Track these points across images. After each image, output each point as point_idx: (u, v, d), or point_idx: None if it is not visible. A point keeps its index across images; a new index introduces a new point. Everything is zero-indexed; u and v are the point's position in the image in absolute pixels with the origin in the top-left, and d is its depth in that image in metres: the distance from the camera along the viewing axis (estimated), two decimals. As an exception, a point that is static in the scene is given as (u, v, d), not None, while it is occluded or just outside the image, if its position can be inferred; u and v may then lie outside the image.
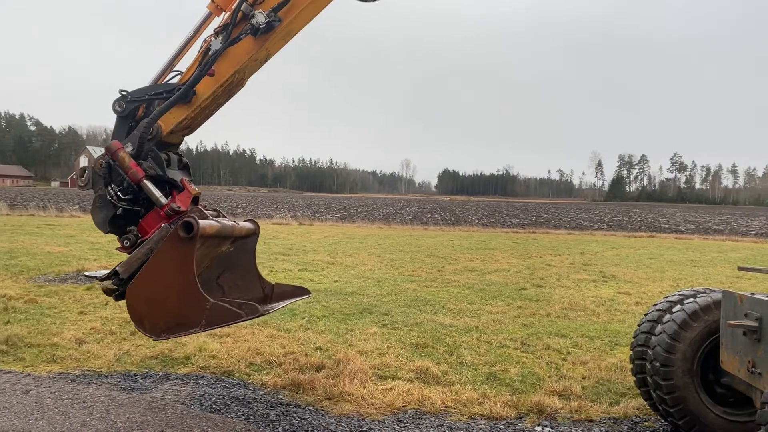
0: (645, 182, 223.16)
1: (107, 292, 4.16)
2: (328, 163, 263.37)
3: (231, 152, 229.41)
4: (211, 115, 4.46)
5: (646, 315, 4.79)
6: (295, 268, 12.63)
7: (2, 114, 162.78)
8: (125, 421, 4.47)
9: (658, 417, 4.74)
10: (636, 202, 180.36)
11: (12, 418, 4.44)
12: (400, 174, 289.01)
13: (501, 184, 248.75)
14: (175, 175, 4.30)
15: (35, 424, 4.36)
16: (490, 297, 10.01)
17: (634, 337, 4.77)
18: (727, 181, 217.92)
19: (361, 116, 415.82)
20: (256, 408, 4.83)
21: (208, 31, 4.31)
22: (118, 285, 4.05)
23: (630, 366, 4.85)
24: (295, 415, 4.70)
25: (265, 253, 15.20)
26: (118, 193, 4.07)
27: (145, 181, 4.03)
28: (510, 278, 12.27)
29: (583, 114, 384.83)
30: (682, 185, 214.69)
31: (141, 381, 5.39)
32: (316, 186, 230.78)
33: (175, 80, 4.33)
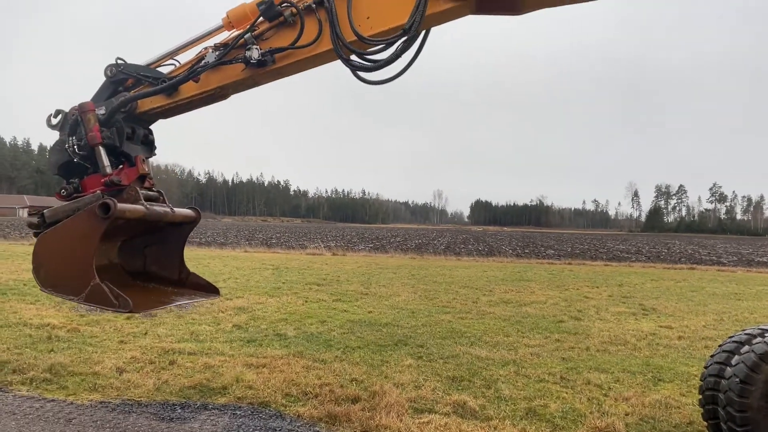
0: (683, 213, 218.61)
1: (29, 225, 4.34)
2: (361, 194, 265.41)
3: (266, 183, 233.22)
4: (185, 112, 4.64)
5: (712, 356, 4.62)
6: (330, 299, 12.65)
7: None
8: (164, 451, 4.49)
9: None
10: (675, 233, 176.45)
11: (55, 445, 4.51)
12: (432, 204, 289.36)
13: (534, 215, 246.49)
14: (134, 149, 4.48)
15: (78, 452, 4.42)
16: (526, 329, 9.85)
17: (702, 380, 4.62)
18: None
19: (392, 147, 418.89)
20: (293, 440, 4.81)
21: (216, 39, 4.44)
22: (40, 225, 4.25)
23: (688, 403, 4.69)
24: (332, 448, 4.66)
25: (299, 283, 15.30)
26: (75, 147, 4.31)
27: (99, 147, 4.24)
28: (547, 310, 12.06)
29: (618, 143, 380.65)
30: (723, 216, 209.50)
31: (180, 411, 5.44)
32: (349, 216, 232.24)
33: (169, 68, 4.52)
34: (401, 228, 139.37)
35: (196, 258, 22.26)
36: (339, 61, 4.07)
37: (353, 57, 4.00)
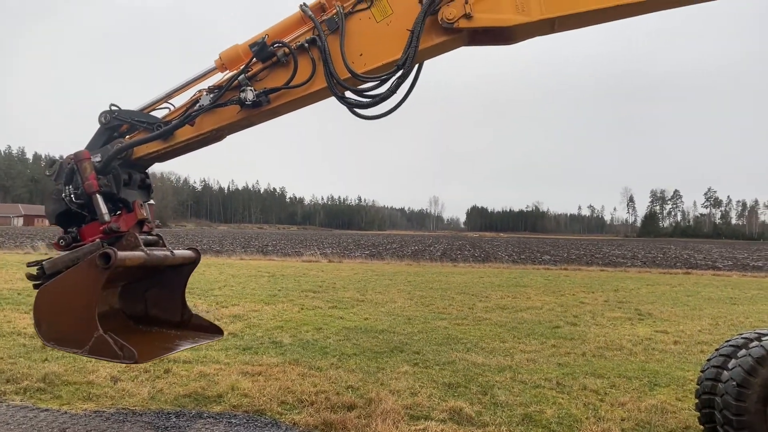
0: (679, 218, 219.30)
1: (29, 277, 4.31)
2: (357, 201, 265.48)
3: (262, 191, 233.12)
4: (182, 155, 4.63)
5: (709, 360, 4.63)
6: (326, 306, 12.63)
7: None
8: (159, 460, 4.47)
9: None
10: (670, 238, 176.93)
11: (49, 455, 4.48)
12: (428, 211, 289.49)
13: (530, 221, 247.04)
14: (131, 195, 4.47)
15: (71, 462, 4.39)
16: (522, 335, 9.84)
17: (698, 384, 4.63)
18: (765, 217, 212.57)
19: (389, 154, 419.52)
20: (288, 448, 4.79)
21: (210, 82, 4.45)
22: (39, 277, 4.22)
23: (682, 408, 4.69)
24: (327, 455, 4.64)
25: (295, 290, 15.27)
26: (72, 195, 4.29)
27: (96, 195, 4.22)
28: (543, 316, 12.06)
29: (613, 149, 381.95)
30: (718, 221, 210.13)
31: (174, 419, 5.41)
32: (345, 223, 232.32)
33: (163, 112, 4.52)
34: (397, 234, 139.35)
35: (192, 266, 22.16)
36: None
37: (348, 93, 4.01)
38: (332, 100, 4.12)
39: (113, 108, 4.47)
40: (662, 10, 3.77)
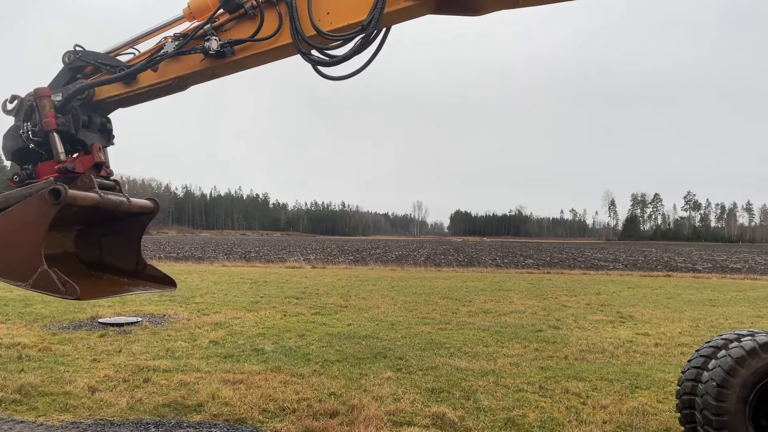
0: (659, 221, 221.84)
1: None
2: (341, 206, 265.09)
3: (244, 197, 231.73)
4: (144, 101, 4.59)
5: (689, 361, 4.66)
6: (309, 312, 12.56)
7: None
8: (137, 472, 4.39)
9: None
10: (651, 241, 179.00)
11: (23, 469, 4.38)
12: (413, 216, 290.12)
13: (514, 225, 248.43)
14: (90, 137, 4.43)
15: (47, 475, 4.29)
16: (506, 339, 9.86)
17: (678, 385, 4.66)
18: (743, 219, 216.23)
19: (372, 159, 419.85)
20: (269, 457, 4.73)
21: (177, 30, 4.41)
22: None
23: (658, 409, 4.72)
24: (309, 464, 4.60)
25: (278, 297, 15.17)
26: (29, 132, 4.24)
27: (54, 133, 4.18)
28: (526, 320, 12.10)
29: (594, 153, 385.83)
30: (697, 223, 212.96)
31: (154, 429, 5.32)
32: (329, 229, 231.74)
33: (129, 57, 4.47)
34: (381, 240, 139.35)
35: (173, 273, 21.79)
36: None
37: (314, 52, 3.99)
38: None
39: (77, 48, 4.42)
40: None
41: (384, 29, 4.00)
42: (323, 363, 7.91)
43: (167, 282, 4.75)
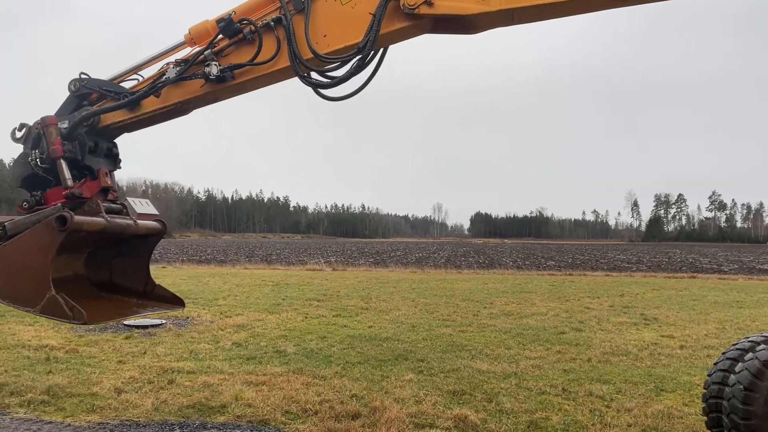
0: (683, 222, 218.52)
1: None
2: (360, 209, 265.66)
3: (265, 200, 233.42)
4: (148, 126, 4.67)
5: (716, 364, 4.59)
6: (330, 314, 12.61)
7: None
8: (163, 472, 4.45)
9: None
10: (675, 242, 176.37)
11: (52, 468, 4.47)
12: (432, 218, 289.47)
13: (535, 226, 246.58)
14: (97, 163, 4.50)
15: (75, 474, 4.37)
16: (527, 341, 9.80)
17: (705, 388, 4.59)
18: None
19: (391, 161, 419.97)
20: (292, 458, 4.76)
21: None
22: (2, 237, 4.26)
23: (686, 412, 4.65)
24: (332, 465, 4.62)
25: (299, 299, 15.26)
26: (37, 160, 4.34)
27: (61, 160, 4.27)
28: (548, 322, 12.02)
29: (616, 153, 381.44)
30: (723, 224, 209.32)
31: (178, 430, 5.39)
32: (349, 231, 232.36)
33: (132, 83, 4.57)
34: (401, 242, 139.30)
35: (196, 276, 22.22)
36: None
37: (314, 75, 4.07)
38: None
39: (83, 76, 4.52)
40: (621, 6, 3.80)
41: (381, 49, 4.06)
42: (345, 365, 7.94)
43: (175, 302, 4.82)
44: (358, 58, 3.93)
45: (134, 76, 4.58)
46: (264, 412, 5.87)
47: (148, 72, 4.56)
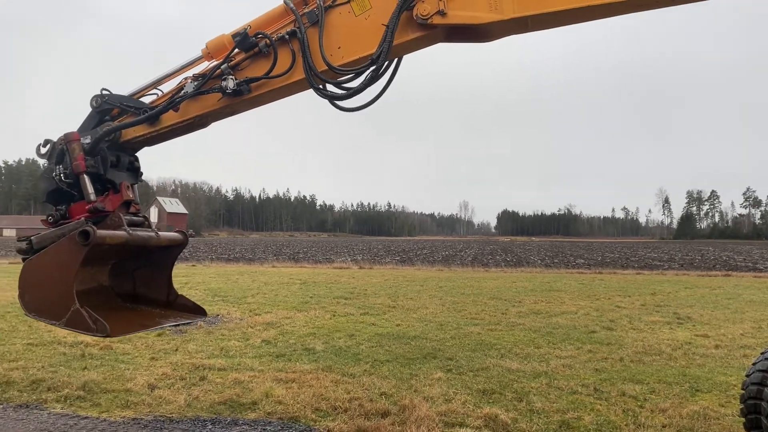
0: (716, 219, 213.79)
1: (19, 251, 4.43)
2: (386, 207, 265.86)
3: (292, 198, 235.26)
4: (168, 139, 4.75)
5: (754, 364, 4.48)
6: (357, 312, 12.64)
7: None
8: (196, 467, 4.50)
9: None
10: (708, 239, 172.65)
11: (89, 462, 4.56)
12: (459, 215, 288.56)
13: (563, 224, 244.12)
14: (119, 176, 4.60)
15: (111, 468, 4.45)
16: (558, 340, 9.69)
17: (743, 389, 4.49)
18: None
19: (417, 159, 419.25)
20: (323, 455, 4.78)
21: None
22: (28, 251, 4.34)
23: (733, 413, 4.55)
24: (362, 463, 4.62)
25: (327, 297, 15.33)
26: (62, 175, 4.43)
27: (84, 175, 4.37)
28: (578, 321, 11.86)
29: (647, 149, 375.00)
30: (757, 221, 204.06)
31: (210, 427, 5.46)
32: (375, 230, 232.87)
33: (152, 98, 4.65)
34: (428, 240, 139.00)
35: (225, 274, 22.47)
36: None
37: (330, 86, 4.09)
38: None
39: (104, 92, 4.62)
40: (638, 11, 3.74)
41: (395, 59, 4.06)
42: (373, 363, 7.95)
43: (197, 312, 4.90)
44: (372, 69, 3.94)
45: (153, 91, 4.68)
46: (294, 409, 5.91)
47: (167, 87, 4.65)
